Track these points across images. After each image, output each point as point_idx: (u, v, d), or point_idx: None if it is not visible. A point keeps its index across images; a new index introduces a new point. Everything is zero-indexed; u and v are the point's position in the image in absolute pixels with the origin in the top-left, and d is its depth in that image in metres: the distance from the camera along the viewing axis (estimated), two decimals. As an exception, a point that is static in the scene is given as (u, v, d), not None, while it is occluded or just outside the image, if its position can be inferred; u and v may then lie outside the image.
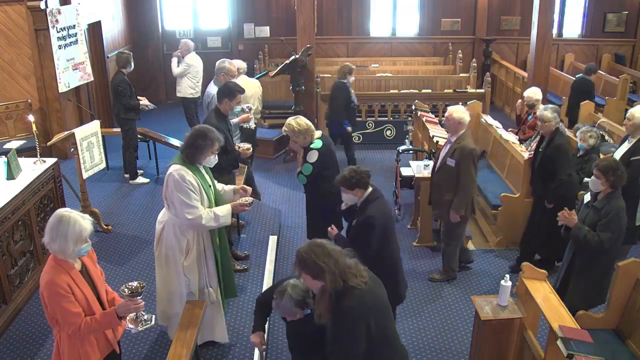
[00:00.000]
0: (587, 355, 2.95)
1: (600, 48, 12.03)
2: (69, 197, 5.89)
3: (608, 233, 3.86)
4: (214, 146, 3.75)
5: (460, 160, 4.77)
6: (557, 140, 5.00)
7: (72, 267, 2.86)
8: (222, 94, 4.92)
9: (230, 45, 11.87)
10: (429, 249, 5.81)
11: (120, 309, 2.91)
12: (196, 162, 3.75)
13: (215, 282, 3.98)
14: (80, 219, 2.83)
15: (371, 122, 9.05)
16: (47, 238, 2.82)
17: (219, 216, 3.73)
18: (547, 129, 5.07)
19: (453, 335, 4.48)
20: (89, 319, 2.83)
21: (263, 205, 6.76)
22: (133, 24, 11.38)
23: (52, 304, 2.79)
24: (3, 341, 4.31)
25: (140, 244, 5.80)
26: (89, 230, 2.85)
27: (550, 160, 4.96)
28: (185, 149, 3.74)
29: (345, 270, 2.63)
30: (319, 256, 2.61)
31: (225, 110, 4.94)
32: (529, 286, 3.62)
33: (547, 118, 5.02)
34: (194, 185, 3.67)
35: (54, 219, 2.83)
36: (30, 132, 6.38)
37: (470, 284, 5.19)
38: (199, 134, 3.73)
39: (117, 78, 7.08)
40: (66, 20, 7.92)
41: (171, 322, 3.99)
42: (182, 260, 3.81)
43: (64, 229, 2.78)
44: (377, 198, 3.69)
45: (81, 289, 2.85)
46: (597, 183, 3.96)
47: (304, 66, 8.12)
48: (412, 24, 12.11)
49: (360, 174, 3.62)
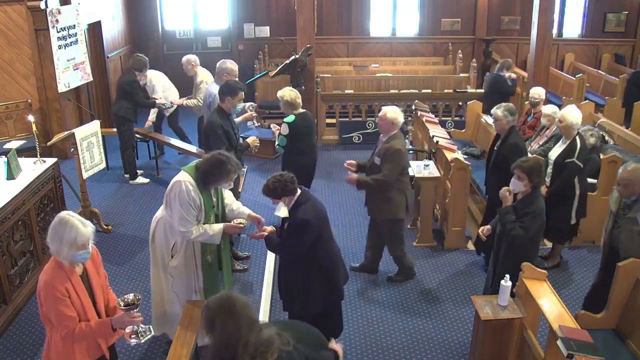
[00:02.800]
0: (587, 355, 2.95)
1: (600, 48, 12.03)
2: (69, 197, 5.89)
3: (522, 231, 3.88)
4: (228, 177, 3.72)
5: (383, 158, 4.74)
6: (511, 139, 4.97)
7: (73, 271, 2.85)
8: (224, 92, 4.95)
9: (230, 45, 11.87)
10: (429, 248, 5.81)
11: (116, 320, 2.91)
12: (208, 187, 3.75)
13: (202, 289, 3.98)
14: (78, 225, 2.78)
15: (371, 122, 9.03)
16: (48, 237, 2.82)
17: (209, 234, 3.74)
18: (499, 128, 5.06)
19: (453, 335, 4.48)
20: (84, 325, 2.82)
21: (263, 205, 6.75)
22: (133, 24, 11.38)
23: (47, 305, 2.79)
24: (3, 341, 4.31)
25: (140, 244, 5.80)
26: (86, 237, 2.80)
27: (504, 159, 4.90)
28: (200, 173, 3.71)
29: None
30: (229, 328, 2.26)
31: (228, 108, 4.97)
32: (529, 286, 3.62)
33: (497, 116, 5.01)
34: (196, 201, 3.69)
35: (55, 220, 2.82)
36: (30, 132, 6.38)
37: (471, 284, 5.19)
38: (216, 164, 3.68)
39: (127, 78, 7.10)
40: (66, 20, 7.91)
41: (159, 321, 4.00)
42: (168, 260, 3.84)
43: (60, 231, 2.77)
44: (308, 200, 3.68)
45: (78, 294, 2.83)
46: (519, 184, 3.94)
47: (304, 66, 8.12)
48: (412, 24, 12.11)
49: (284, 182, 3.58)
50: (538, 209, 3.92)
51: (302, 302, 3.79)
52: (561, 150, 5.12)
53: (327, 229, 3.82)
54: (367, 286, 5.12)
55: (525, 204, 3.95)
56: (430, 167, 5.86)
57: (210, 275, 3.94)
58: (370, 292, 5.04)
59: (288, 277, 3.86)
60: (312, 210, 3.64)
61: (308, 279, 3.74)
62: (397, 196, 4.81)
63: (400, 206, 4.85)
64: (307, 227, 3.58)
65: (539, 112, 6.44)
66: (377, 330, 4.53)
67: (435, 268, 5.46)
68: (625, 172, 3.75)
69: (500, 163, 4.96)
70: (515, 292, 3.80)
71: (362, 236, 5.77)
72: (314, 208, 3.67)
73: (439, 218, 6.17)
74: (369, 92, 9.74)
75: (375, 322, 4.62)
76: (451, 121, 8.96)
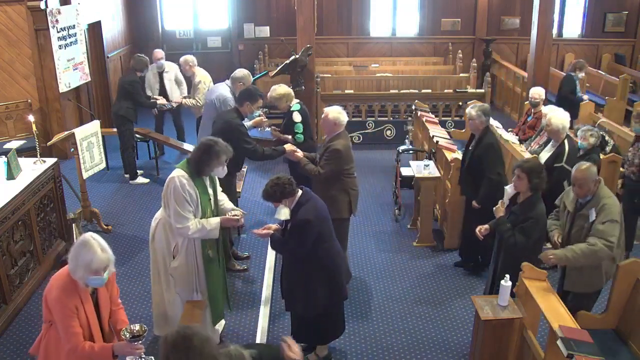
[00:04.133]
0: (587, 355, 2.95)
1: (600, 48, 12.02)
2: (69, 197, 5.89)
3: (523, 237, 3.86)
4: (220, 159, 3.74)
5: (322, 157, 4.73)
6: (486, 139, 4.92)
7: (84, 290, 2.89)
8: (245, 97, 4.99)
9: (230, 45, 11.87)
10: (429, 248, 5.81)
11: (117, 348, 2.92)
12: (202, 174, 3.77)
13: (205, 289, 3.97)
14: (96, 249, 2.80)
15: (371, 122, 9.04)
16: (69, 254, 2.86)
17: (207, 229, 3.75)
18: (473, 127, 5.01)
19: (453, 335, 4.48)
20: (87, 346, 2.85)
21: (263, 205, 6.76)
22: (133, 24, 11.38)
23: (57, 317, 2.83)
24: (3, 341, 4.31)
25: (140, 244, 5.80)
26: (101, 263, 2.82)
27: (479, 160, 4.90)
28: (192, 162, 3.76)
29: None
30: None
31: (245, 113, 5.01)
32: (529, 286, 3.62)
33: (471, 116, 4.96)
34: (192, 195, 3.70)
35: (80, 239, 2.86)
36: (30, 132, 6.38)
37: (471, 284, 5.19)
38: (205, 146, 3.73)
39: (129, 78, 7.13)
40: (66, 20, 7.92)
41: (160, 322, 4.01)
42: (169, 261, 3.84)
43: (78, 252, 2.81)
44: (309, 200, 3.69)
45: (87, 313, 2.88)
46: (519, 184, 3.90)
47: (304, 66, 8.12)
48: (412, 24, 12.11)
49: (282, 185, 3.59)
50: (539, 213, 3.88)
51: (305, 302, 3.80)
52: (550, 154, 5.10)
53: (328, 228, 3.83)
54: (366, 286, 5.12)
55: (525, 209, 3.92)
56: (430, 167, 5.86)
57: (212, 271, 3.94)
58: (370, 292, 5.04)
59: (290, 277, 3.87)
60: (313, 209, 3.66)
61: (310, 279, 3.75)
62: (339, 195, 4.72)
63: (344, 206, 4.75)
64: (308, 226, 3.60)
65: (539, 112, 6.44)
66: (377, 330, 4.53)
67: (435, 268, 5.46)
68: (579, 172, 3.71)
69: (475, 164, 4.94)
70: (515, 292, 3.80)
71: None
72: (315, 208, 3.68)
73: (439, 218, 6.17)
74: (369, 92, 9.74)
75: (375, 322, 4.62)
76: (451, 121, 8.97)
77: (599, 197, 3.70)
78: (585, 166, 3.74)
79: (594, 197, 3.72)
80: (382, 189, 7.30)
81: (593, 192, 3.72)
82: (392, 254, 5.71)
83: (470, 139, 5.20)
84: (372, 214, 6.58)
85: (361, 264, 5.49)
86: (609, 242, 3.57)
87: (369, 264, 5.51)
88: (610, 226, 3.60)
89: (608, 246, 3.57)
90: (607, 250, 3.58)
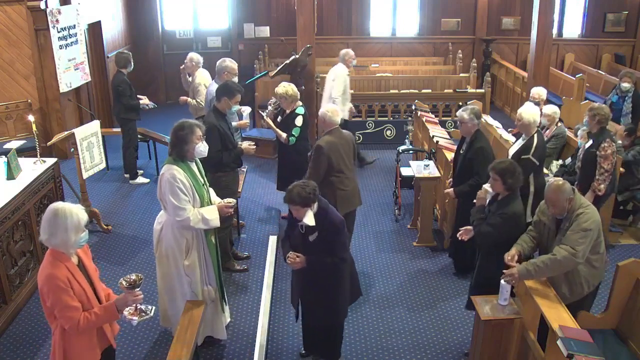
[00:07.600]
0: (587, 355, 2.95)
1: (600, 48, 12.02)
2: (69, 197, 5.88)
3: (489, 228, 3.87)
4: (195, 133, 3.75)
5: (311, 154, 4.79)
6: (477, 143, 4.86)
7: (71, 262, 2.88)
8: (222, 92, 4.93)
9: (230, 45, 11.87)
10: (429, 248, 5.81)
11: (119, 302, 2.93)
12: (185, 156, 3.76)
13: (215, 280, 4.02)
14: (75, 209, 2.86)
15: (371, 122, 9.05)
16: (46, 234, 2.81)
17: (208, 219, 3.76)
18: (465, 130, 4.95)
19: (453, 335, 4.48)
20: (88, 313, 2.84)
21: (263, 205, 6.76)
22: (133, 24, 11.38)
23: (51, 297, 2.79)
24: (3, 341, 4.31)
25: (140, 244, 5.80)
26: (85, 218, 2.88)
27: (470, 163, 4.87)
28: (171, 148, 3.78)
29: None
30: None
31: (223, 109, 4.95)
32: (529, 286, 3.62)
33: (462, 119, 4.91)
34: (185, 184, 3.70)
35: (50, 214, 2.83)
36: (30, 132, 6.39)
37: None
38: (176, 127, 3.78)
39: (118, 78, 7.09)
40: (66, 20, 7.92)
41: (173, 322, 3.99)
42: (183, 260, 3.83)
43: (62, 221, 2.79)
44: (327, 203, 3.72)
45: (80, 283, 2.86)
46: (495, 185, 3.93)
47: (304, 66, 8.12)
48: (412, 24, 12.11)
49: (313, 189, 3.55)
50: (510, 212, 3.87)
51: (333, 310, 3.82)
52: (518, 147, 5.08)
53: None
54: (366, 286, 5.12)
55: (499, 206, 3.95)
56: (430, 167, 5.86)
57: (215, 257, 4.00)
58: (370, 292, 5.04)
59: (314, 289, 3.77)
60: (336, 213, 3.73)
61: (340, 284, 3.79)
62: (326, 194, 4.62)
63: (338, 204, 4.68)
64: (344, 227, 3.69)
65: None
66: (377, 330, 4.53)
67: (435, 268, 5.46)
68: (551, 193, 3.62)
69: (466, 167, 4.92)
70: (515, 292, 3.80)
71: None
72: (336, 212, 3.75)
73: (439, 218, 6.17)
74: (369, 92, 9.75)
75: (375, 322, 4.63)
76: (451, 121, 8.97)
77: (573, 211, 3.60)
78: (554, 186, 3.62)
79: (568, 213, 3.63)
80: (382, 189, 7.31)
81: (568, 210, 3.62)
82: (392, 254, 5.71)
83: (461, 141, 5.14)
84: (372, 213, 6.59)
85: (361, 263, 5.48)
86: (573, 250, 3.46)
87: (369, 264, 5.51)
88: (578, 235, 3.50)
89: (572, 254, 3.46)
90: (570, 258, 3.47)
